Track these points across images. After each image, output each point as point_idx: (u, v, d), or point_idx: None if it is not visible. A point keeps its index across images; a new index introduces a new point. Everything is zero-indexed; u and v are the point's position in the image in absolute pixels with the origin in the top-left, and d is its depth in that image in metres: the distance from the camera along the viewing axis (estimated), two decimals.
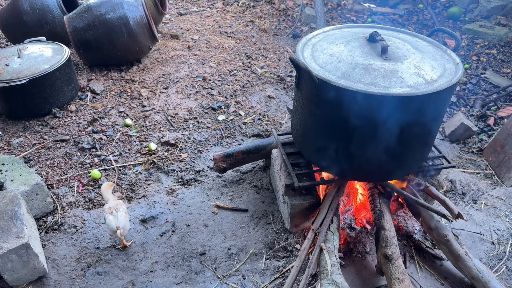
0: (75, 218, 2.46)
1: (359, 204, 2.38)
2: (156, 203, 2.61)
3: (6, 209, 2.05)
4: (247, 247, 2.30)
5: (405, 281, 1.79)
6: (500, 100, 3.79)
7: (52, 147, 3.03)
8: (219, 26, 5.26)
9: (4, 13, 4.11)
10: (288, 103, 3.69)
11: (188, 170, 2.90)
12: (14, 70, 3.13)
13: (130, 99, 3.63)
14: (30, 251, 1.96)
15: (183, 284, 2.10)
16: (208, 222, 2.48)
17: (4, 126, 3.24)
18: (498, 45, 4.88)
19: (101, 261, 2.21)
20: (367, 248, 2.22)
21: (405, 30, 2.24)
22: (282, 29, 5.34)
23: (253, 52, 4.62)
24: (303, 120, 2.06)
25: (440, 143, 3.27)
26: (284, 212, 2.39)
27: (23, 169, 2.45)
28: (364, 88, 1.70)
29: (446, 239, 2.01)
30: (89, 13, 3.72)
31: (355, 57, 1.87)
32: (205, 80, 3.99)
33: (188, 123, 3.39)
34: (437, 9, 5.87)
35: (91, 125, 3.28)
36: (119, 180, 2.78)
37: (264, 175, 2.85)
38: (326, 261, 1.85)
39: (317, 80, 1.74)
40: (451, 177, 2.82)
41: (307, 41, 2.11)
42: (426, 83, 1.76)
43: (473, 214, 2.54)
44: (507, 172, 2.86)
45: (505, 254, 2.26)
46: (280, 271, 2.13)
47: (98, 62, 4.02)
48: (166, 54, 4.38)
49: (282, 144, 2.35)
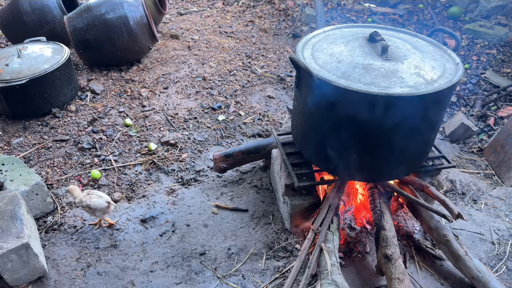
0: (75, 218, 2.46)
1: (359, 204, 2.38)
2: (156, 203, 2.61)
3: (6, 209, 2.05)
4: (247, 247, 2.30)
5: (405, 281, 1.79)
6: (500, 100, 3.79)
7: (52, 147, 3.03)
8: (219, 26, 5.26)
9: (4, 13, 4.11)
10: (288, 103, 3.69)
11: (188, 170, 2.90)
12: (14, 70, 3.13)
13: (130, 99, 3.63)
14: (30, 251, 1.96)
15: (183, 284, 2.10)
16: (208, 222, 2.48)
17: (4, 126, 3.24)
18: (498, 45, 4.89)
19: (101, 261, 2.21)
20: (367, 248, 2.22)
21: (405, 30, 2.23)
22: (282, 29, 5.34)
23: (253, 52, 4.62)
24: (303, 120, 2.06)
25: (440, 143, 3.27)
26: (284, 212, 2.39)
27: (23, 169, 2.45)
28: (364, 88, 1.70)
29: (446, 239, 2.01)
30: (89, 13, 3.72)
31: (355, 57, 1.87)
32: (205, 80, 3.99)
33: (188, 123, 3.38)
34: (437, 9, 5.87)
35: (91, 125, 3.28)
36: (119, 180, 2.78)
37: (264, 175, 2.85)
38: (326, 261, 1.85)
39: (317, 80, 1.74)
40: (451, 177, 2.82)
41: (307, 41, 2.11)
42: (426, 83, 1.76)
43: (473, 214, 2.54)
44: (507, 172, 2.86)
45: (505, 254, 2.26)
46: (280, 271, 2.13)
47: (98, 62, 4.02)
48: (166, 54, 4.38)
49: (282, 144, 2.35)
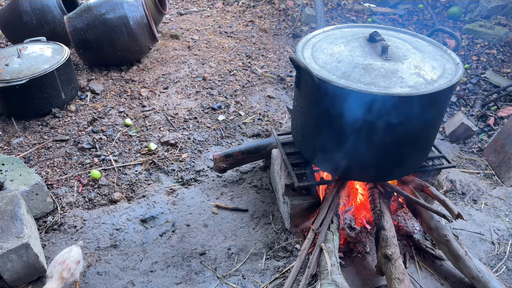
0: (75, 218, 2.46)
1: (359, 204, 2.38)
2: (156, 203, 2.61)
3: (6, 209, 2.05)
4: (247, 247, 2.30)
5: (405, 281, 1.79)
6: (500, 100, 3.78)
7: (52, 147, 3.03)
8: (219, 26, 5.25)
9: (4, 13, 4.11)
10: (288, 103, 3.69)
11: (188, 170, 2.90)
12: (14, 70, 3.13)
13: (130, 99, 3.63)
14: (30, 251, 1.96)
15: (183, 284, 2.10)
16: (208, 222, 2.48)
17: (4, 126, 3.24)
18: (498, 45, 4.89)
19: (101, 261, 2.21)
20: (367, 248, 2.22)
21: (405, 30, 2.23)
22: (282, 29, 5.34)
23: (253, 52, 4.62)
24: (303, 120, 2.06)
25: (440, 143, 3.27)
26: (284, 212, 2.39)
27: (23, 169, 2.45)
28: (364, 88, 1.70)
29: (446, 239, 2.01)
30: (89, 13, 3.72)
31: (355, 57, 1.87)
32: (205, 80, 3.99)
33: (188, 123, 3.38)
34: (437, 9, 5.86)
35: (91, 125, 3.28)
36: (119, 180, 2.78)
37: (264, 175, 2.85)
38: (326, 261, 1.85)
39: (317, 80, 1.74)
40: (451, 177, 2.82)
41: (307, 41, 2.11)
42: (426, 83, 1.76)
43: (473, 214, 2.54)
44: (507, 172, 2.86)
45: (505, 254, 2.26)
46: (280, 271, 2.13)
47: (98, 62, 4.02)
48: (166, 54, 4.37)
49: (282, 144, 2.35)
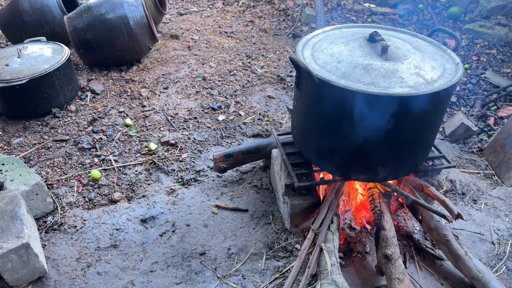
0: (75, 218, 2.46)
1: (359, 204, 2.38)
2: (156, 203, 2.61)
3: (6, 209, 2.05)
4: (247, 247, 2.30)
5: (405, 281, 1.79)
6: (500, 100, 3.79)
7: (52, 147, 3.03)
8: (219, 26, 5.25)
9: (4, 13, 4.11)
10: (288, 103, 3.69)
11: (188, 170, 2.90)
12: (14, 70, 3.13)
13: (130, 99, 3.63)
14: (30, 251, 1.96)
15: (183, 284, 2.10)
16: (208, 222, 2.48)
17: (4, 126, 3.24)
18: (498, 45, 4.89)
19: (101, 261, 2.21)
20: (367, 248, 2.22)
21: (405, 30, 2.23)
22: (282, 29, 5.34)
23: (253, 52, 4.62)
24: (303, 120, 2.06)
25: (440, 143, 3.27)
26: (284, 212, 2.39)
27: (23, 169, 2.45)
28: (364, 88, 1.70)
29: (446, 239, 2.01)
30: (89, 13, 3.72)
31: (355, 57, 1.87)
32: (205, 80, 3.99)
33: (188, 123, 3.38)
34: (437, 9, 5.87)
35: (91, 125, 3.28)
36: (119, 180, 2.78)
37: (264, 175, 2.85)
38: (326, 261, 1.85)
39: (317, 80, 1.74)
40: (451, 177, 2.82)
41: (307, 41, 2.11)
42: (426, 83, 1.76)
43: (473, 214, 2.54)
44: (507, 172, 2.86)
45: (505, 254, 2.26)
46: (280, 271, 2.13)
47: (98, 62, 4.02)
48: (166, 54, 4.38)
49: (282, 144, 2.35)
